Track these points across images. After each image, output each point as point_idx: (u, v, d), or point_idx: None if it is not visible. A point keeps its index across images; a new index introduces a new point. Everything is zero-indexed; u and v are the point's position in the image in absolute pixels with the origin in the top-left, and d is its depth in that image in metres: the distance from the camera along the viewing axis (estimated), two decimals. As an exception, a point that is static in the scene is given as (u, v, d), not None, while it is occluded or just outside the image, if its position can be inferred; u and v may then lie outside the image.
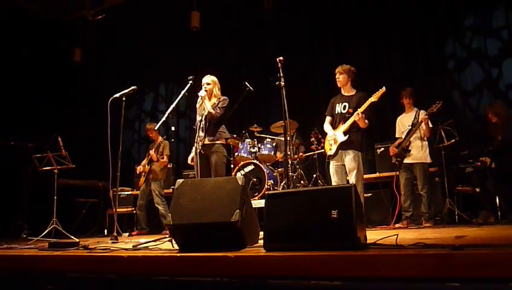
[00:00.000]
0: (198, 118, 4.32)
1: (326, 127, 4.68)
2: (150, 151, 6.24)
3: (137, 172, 6.49)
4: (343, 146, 4.43)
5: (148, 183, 6.23)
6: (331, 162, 4.57)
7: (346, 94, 4.62)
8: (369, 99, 4.36)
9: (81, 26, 8.03)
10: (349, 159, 4.37)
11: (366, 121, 4.32)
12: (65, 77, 8.58)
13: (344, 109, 4.54)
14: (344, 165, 4.46)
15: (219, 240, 2.38)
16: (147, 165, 6.22)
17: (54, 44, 8.41)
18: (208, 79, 4.42)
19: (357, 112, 4.31)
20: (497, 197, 4.76)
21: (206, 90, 4.33)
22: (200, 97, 4.32)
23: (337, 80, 4.57)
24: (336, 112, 4.59)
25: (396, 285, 1.65)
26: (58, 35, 8.45)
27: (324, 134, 4.84)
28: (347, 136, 4.39)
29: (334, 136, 4.48)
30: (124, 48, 8.49)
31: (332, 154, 4.51)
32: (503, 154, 4.77)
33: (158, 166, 6.21)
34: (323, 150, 5.04)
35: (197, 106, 4.48)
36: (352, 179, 4.33)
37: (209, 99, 4.36)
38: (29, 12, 8.04)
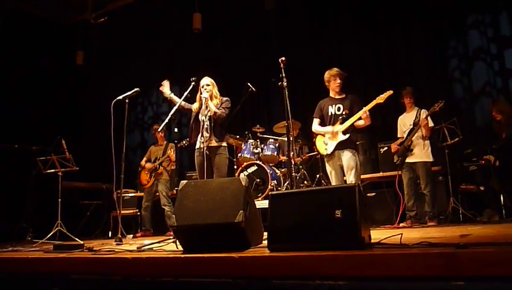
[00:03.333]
0: (202, 118, 4.35)
1: (318, 127, 4.66)
2: (168, 151, 6.26)
3: (146, 167, 6.39)
4: (340, 146, 4.44)
5: (155, 184, 6.25)
6: (328, 163, 4.57)
7: (337, 97, 4.63)
8: (375, 100, 4.40)
9: (84, 29, 8.07)
10: (348, 157, 4.38)
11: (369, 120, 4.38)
12: (68, 79, 8.62)
13: (339, 110, 4.54)
14: (340, 165, 4.46)
15: (223, 241, 2.38)
16: (160, 166, 6.22)
17: (57, 47, 8.45)
18: (207, 80, 4.49)
19: (363, 109, 4.35)
20: (501, 196, 4.75)
21: (207, 92, 4.38)
22: (204, 99, 4.35)
23: (339, 84, 4.57)
24: (329, 114, 4.59)
25: (401, 284, 1.64)
26: (61, 38, 8.49)
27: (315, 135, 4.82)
28: (347, 135, 4.41)
29: (335, 132, 4.45)
30: (126, 51, 8.51)
31: (329, 153, 4.50)
32: (508, 152, 4.75)
33: (167, 167, 6.25)
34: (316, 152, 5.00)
35: (195, 106, 4.53)
36: (351, 177, 4.34)
37: (211, 100, 4.40)
38: (32, 16, 8.08)
